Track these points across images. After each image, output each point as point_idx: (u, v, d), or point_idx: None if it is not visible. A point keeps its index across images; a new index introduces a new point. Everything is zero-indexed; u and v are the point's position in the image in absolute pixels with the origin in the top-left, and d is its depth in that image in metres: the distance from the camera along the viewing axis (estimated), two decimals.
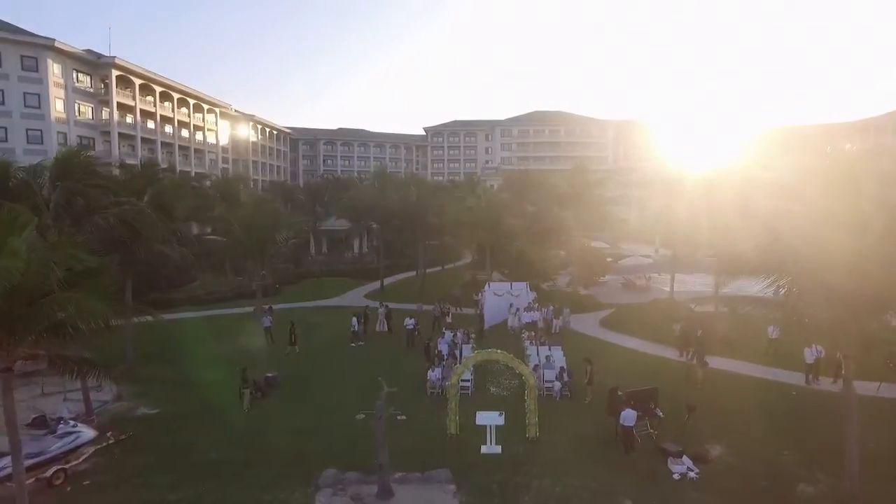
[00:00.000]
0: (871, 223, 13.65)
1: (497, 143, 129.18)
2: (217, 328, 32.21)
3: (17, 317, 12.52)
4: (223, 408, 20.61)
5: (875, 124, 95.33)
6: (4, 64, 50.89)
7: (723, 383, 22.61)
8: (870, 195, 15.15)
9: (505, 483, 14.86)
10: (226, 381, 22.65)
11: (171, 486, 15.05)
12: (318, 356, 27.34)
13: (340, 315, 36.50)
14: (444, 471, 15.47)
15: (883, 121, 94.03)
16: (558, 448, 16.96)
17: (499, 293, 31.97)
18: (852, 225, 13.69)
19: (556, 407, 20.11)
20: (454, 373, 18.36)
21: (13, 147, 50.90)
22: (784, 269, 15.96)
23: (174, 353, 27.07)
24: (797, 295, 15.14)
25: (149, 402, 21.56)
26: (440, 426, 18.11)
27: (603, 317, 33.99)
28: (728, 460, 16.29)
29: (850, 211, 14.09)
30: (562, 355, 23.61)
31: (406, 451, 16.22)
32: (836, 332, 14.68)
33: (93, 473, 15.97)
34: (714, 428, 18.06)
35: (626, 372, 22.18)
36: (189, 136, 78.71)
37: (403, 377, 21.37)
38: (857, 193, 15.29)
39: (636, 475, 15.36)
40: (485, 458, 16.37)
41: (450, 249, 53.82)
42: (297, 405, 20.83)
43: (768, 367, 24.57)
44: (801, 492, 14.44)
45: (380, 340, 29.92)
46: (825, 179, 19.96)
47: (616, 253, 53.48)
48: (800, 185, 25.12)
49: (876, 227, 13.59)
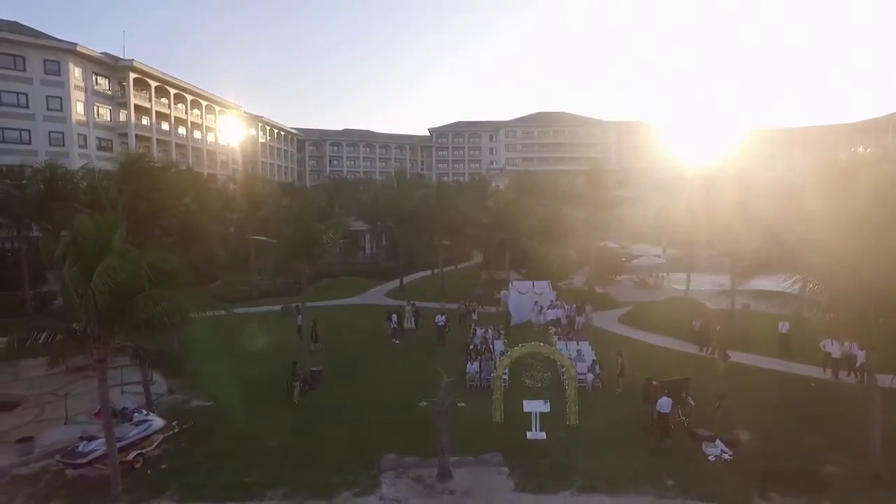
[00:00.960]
0: (892, 223, 14.89)
1: (501, 143, 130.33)
2: (247, 326, 33.32)
3: (115, 312, 13.67)
4: (273, 400, 21.79)
5: (876, 126, 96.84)
6: (28, 68, 51.84)
7: (743, 375, 23.82)
8: (887, 196, 16.41)
9: (554, 465, 16.03)
10: (268, 376, 23.88)
11: (243, 470, 16.16)
12: (352, 352, 28.44)
13: (365, 313, 37.79)
14: (496, 455, 16.67)
15: (884, 122, 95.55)
16: (598, 434, 18.14)
17: (522, 291, 33.15)
18: (874, 225, 14.93)
19: (590, 398, 21.26)
20: (500, 365, 19.55)
21: (36, 149, 51.88)
22: (808, 267, 17.21)
23: (212, 349, 28.15)
24: (820, 291, 16.39)
25: (200, 395, 22.66)
26: (484, 415, 19.26)
27: (621, 314, 35.24)
28: (757, 444, 17.47)
29: (871, 211, 15.34)
30: (590, 349, 24.83)
31: (457, 437, 17.29)
32: (859, 326, 15.80)
33: (166, 459, 17.10)
34: (741, 416, 19.19)
35: (651, 365, 23.32)
36: (201, 138, 79.78)
37: (436, 370, 22.68)
38: (877, 194, 16.57)
39: (673, 458, 16.55)
40: (531, 443, 17.56)
41: (460, 249, 54.92)
42: (346, 397, 21.95)
43: (783, 361, 25.78)
44: (829, 472, 15.62)
45: (409, 337, 31.11)
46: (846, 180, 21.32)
47: (628, 253, 54.70)
48: (820, 186, 26.55)
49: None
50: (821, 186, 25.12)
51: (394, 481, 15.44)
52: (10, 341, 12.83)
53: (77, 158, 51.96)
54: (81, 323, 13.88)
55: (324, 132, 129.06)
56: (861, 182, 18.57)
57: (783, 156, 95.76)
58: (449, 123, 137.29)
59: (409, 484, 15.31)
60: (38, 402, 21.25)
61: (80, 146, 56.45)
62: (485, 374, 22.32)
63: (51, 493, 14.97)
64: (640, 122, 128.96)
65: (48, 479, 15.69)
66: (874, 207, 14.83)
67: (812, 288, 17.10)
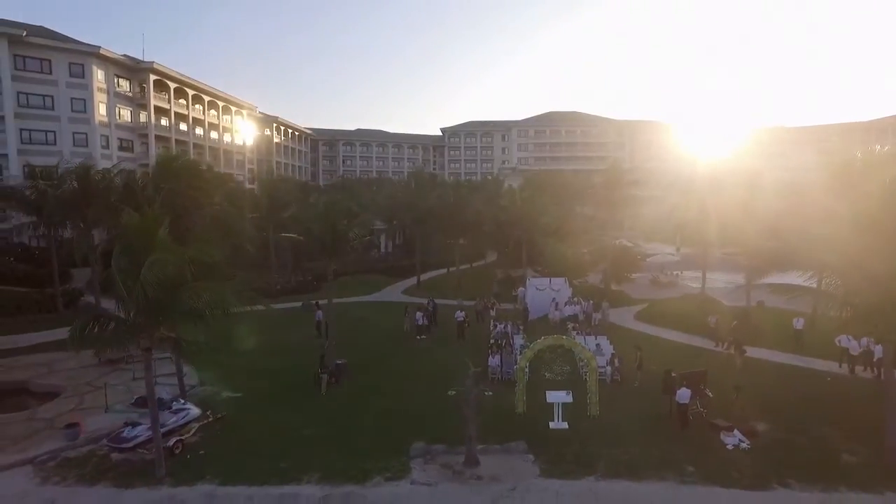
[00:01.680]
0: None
1: (514, 143, 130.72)
2: (268, 321, 34.17)
3: (161, 304, 14.45)
4: (300, 391, 22.53)
5: (892, 124, 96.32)
6: (54, 71, 53.11)
7: (760, 370, 24.25)
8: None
9: (577, 453, 16.61)
10: (293, 369, 24.66)
11: (277, 456, 16.85)
12: (374, 347, 29.09)
13: (383, 310, 38.50)
14: (521, 443, 17.29)
15: None
16: (619, 424, 18.67)
17: (540, 288, 33.73)
18: (885, 222, 15.37)
19: (609, 390, 21.77)
20: (523, 357, 20.15)
21: (61, 150, 52.98)
22: (822, 265, 17.67)
23: (235, 343, 28.92)
24: (840, 285, 16.86)
25: (230, 387, 23.42)
26: (507, 407, 19.86)
27: (637, 311, 35.70)
28: (774, 435, 17.93)
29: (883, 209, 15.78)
30: (609, 344, 25.36)
31: (481, 427, 17.90)
32: (877, 320, 16.21)
33: (203, 445, 17.84)
34: (758, 407, 19.59)
35: (669, 360, 23.70)
36: (218, 138, 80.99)
37: (462, 364, 23.34)
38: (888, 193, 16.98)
39: (693, 446, 17.08)
40: (554, 432, 18.15)
41: (475, 248, 55.58)
42: (372, 389, 22.63)
43: (799, 356, 26.14)
44: (846, 461, 16.07)
45: (429, 332, 31.74)
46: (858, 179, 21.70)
47: (641, 251, 55.01)
48: (832, 184, 26.92)
49: None
50: (833, 185, 25.52)
51: (423, 467, 16.09)
52: (73, 329, 13.62)
53: (100, 159, 53.13)
54: (129, 313, 14.70)
55: (337, 132, 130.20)
56: (873, 181, 18.94)
57: (796, 154, 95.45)
58: (461, 123, 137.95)
59: (438, 470, 15.95)
60: (77, 392, 22.12)
61: (103, 147, 57.72)
62: (506, 368, 22.93)
63: (99, 475, 15.75)
64: (652, 122, 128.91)
65: (95, 463, 16.49)
66: (886, 206, 15.25)
67: (828, 283, 17.62)
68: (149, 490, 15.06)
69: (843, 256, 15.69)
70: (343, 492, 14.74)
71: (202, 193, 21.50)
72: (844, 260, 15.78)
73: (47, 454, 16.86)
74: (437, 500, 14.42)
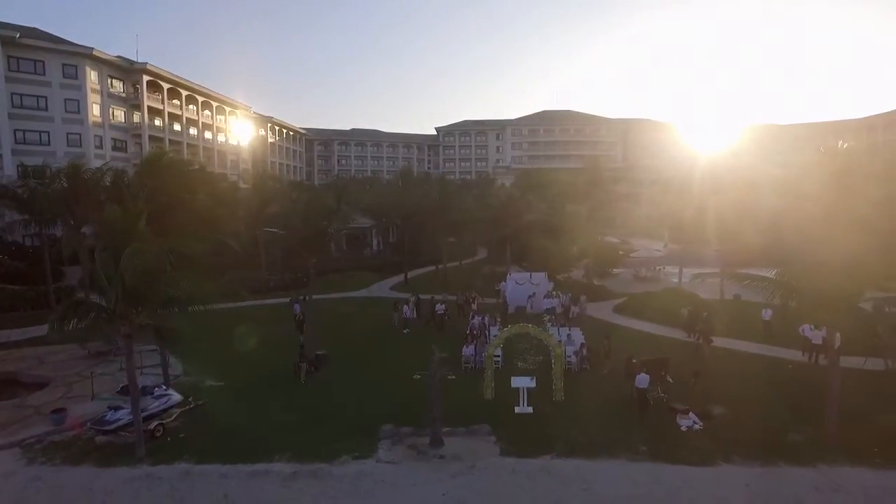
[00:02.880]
0: (856, 217, 16.30)
1: (508, 142, 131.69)
2: (249, 316, 35.09)
3: (140, 292, 15.32)
4: (281, 381, 23.40)
5: (882, 122, 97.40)
6: (48, 72, 53.99)
7: (726, 358, 25.14)
8: (859, 192, 17.79)
9: (538, 434, 17.46)
10: (276, 359, 25.51)
11: (252, 438, 17.65)
12: (357, 339, 29.97)
13: (370, 305, 39.39)
14: (485, 426, 18.16)
15: (890, 118, 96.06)
16: (581, 409, 19.54)
17: (520, 282, 34.62)
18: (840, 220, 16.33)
19: (577, 378, 22.68)
20: (491, 345, 21.03)
21: (55, 150, 53.99)
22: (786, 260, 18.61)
23: (219, 336, 29.77)
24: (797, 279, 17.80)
25: (212, 377, 24.28)
26: (477, 393, 20.73)
27: (616, 304, 36.59)
28: (728, 417, 18.81)
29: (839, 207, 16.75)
30: (580, 334, 26.25)
31: (450, 412, 18.70)
32: (827, 309, 17.10)
33: (183, 429, 18.67)
34: (718, 393, 20.48)
35: (640, 350, 24.51)
36: (212, 138, 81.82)
37: (441, 353, 24.35)
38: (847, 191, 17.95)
39: (649, 428, 17.93)
40: (518, 416, 19.02)
41: (464, 245, 56.52)
42: (349, 377, 23.53)
43: (767, 346, 27.04)
44: (791, 439, 16.96)
45: (411, 325, 32.63)
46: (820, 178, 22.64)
47: (627, 247, 56.00)
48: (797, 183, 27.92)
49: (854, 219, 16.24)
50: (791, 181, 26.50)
51: (390, 448, 16.96)
52: (52, 319, 14.46)
53: (93, 158, 53.99)
54: (110, 302, 15.56)
55: (332, 132, 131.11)
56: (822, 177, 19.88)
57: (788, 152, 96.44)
58: (456, 122, 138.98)
59: (404, 450, 16.81)
60: (65, 381, 22.97)
61: (97, 147, 58.60)
62: (479, 357, 23.77)
63: (83, 456, 16.61)
64: (645, 120, 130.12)
65: (80, 446, 17.35)
66: (824, 200, 16.20)
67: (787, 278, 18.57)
68: (129, 469, 15.90)
69: (787, 247, 16.61)
70: (311, 468, 15.59)
71: (185, 190, 22.32)
72: (790, 250, 16.71)
73: (34, 437, 17.72)
74: (398, 476, 15.26)
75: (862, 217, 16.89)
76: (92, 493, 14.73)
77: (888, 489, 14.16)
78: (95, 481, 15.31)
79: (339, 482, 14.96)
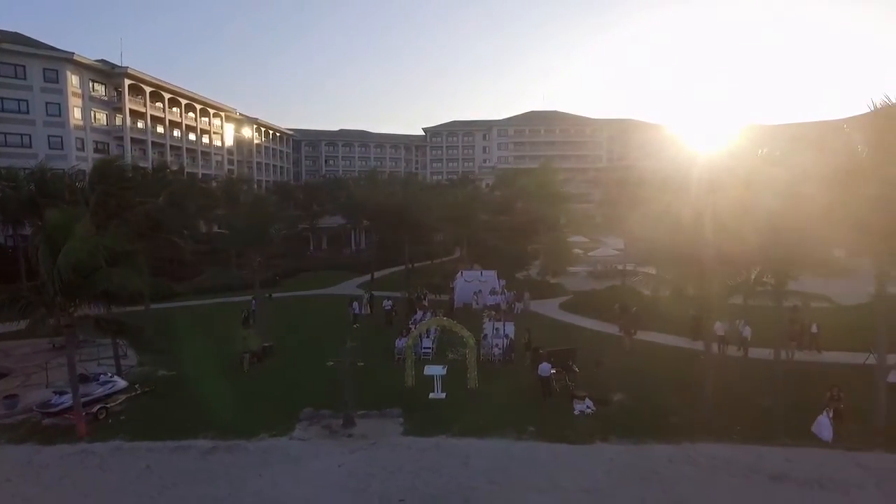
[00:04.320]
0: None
1: (494, 142, 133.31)
2: (216, 313, 37.04)
3: (77, 286, 17.12)
4: (227, 370, 25.22)
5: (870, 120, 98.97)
6: (29, 76, 55.62)
7: (645, 351, 27.01)
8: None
9: (442, 417, 19.28)
10: (227, 352, 27.30)
11: (186, 419, 19.50)
12: (309, 332, 31.83)
13: (333, 301, 41.22)
14: (397, 409, 19.97)
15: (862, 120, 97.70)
16: (492, 396, 21.34)
17: (469, 280, 36.47)
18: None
19: (499, 369, 24.52)
20: (410, 336, 22.85)
21: (37, 153, 55.48)
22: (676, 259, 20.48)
23: (182, 331, 31.64)
24: (678, 275, 19.71)
25: (166, 367, 26.09)
26: (400, 382, 22.56)
27: (562, 301, 38.43)
28: (624, 403, 20.62)
29: None
30: (512, 329, 28.06)
31: (371, 398, 20.61)
32: (702, 300, 18.98)
33: (127, 412, 20.54)
34: (623, 382, 22.32)
35: (567, 343, 26.30)
36: (196, 140, 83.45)
37: (379, 347, 26.67)
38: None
39: (547, 412, 19.74)
40: (432, 401, 20.85)
41: (442, 245, 58.36)
42: (289, 367, 25.42)
43: (689, 340, 28.70)
44: (670, 422, 18.76)
45: (364, 321, 34.51)
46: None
47: (588, 246, 57.80)
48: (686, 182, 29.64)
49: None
50: None
51: (306, 428, 18.79)
52: None
53: (75, 161, 55.64)
54: (49, 295, 17.35)
55: (320, 132, 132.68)
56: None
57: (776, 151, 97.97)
58: (443, 123, 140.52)
59: (318, 430, 18.63)
60: (24, 372, 24.80)
61: (78, 149, 60.19)
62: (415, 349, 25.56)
63: (27, 436, 18.44)
64: (631, 120, 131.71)
65: (27, 427, 19.17)
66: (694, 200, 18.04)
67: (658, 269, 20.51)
68: (68, 446, 17.73)
69: (659, 245, 18.47)
70: (229, 444, 17.44)
71: (134, 192, 24.09)
72: (662, 248, 18.59)
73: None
74: (306, 450, 17.09)
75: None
76: (30, 467, 16.54)
77: (729, 459, 15.99)
78: (35, 457, 17.14)
79: (250, 455, 16.80)
